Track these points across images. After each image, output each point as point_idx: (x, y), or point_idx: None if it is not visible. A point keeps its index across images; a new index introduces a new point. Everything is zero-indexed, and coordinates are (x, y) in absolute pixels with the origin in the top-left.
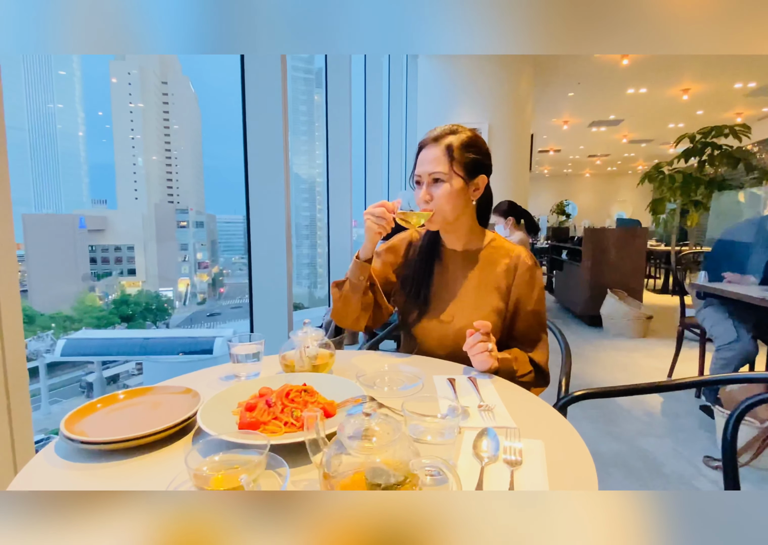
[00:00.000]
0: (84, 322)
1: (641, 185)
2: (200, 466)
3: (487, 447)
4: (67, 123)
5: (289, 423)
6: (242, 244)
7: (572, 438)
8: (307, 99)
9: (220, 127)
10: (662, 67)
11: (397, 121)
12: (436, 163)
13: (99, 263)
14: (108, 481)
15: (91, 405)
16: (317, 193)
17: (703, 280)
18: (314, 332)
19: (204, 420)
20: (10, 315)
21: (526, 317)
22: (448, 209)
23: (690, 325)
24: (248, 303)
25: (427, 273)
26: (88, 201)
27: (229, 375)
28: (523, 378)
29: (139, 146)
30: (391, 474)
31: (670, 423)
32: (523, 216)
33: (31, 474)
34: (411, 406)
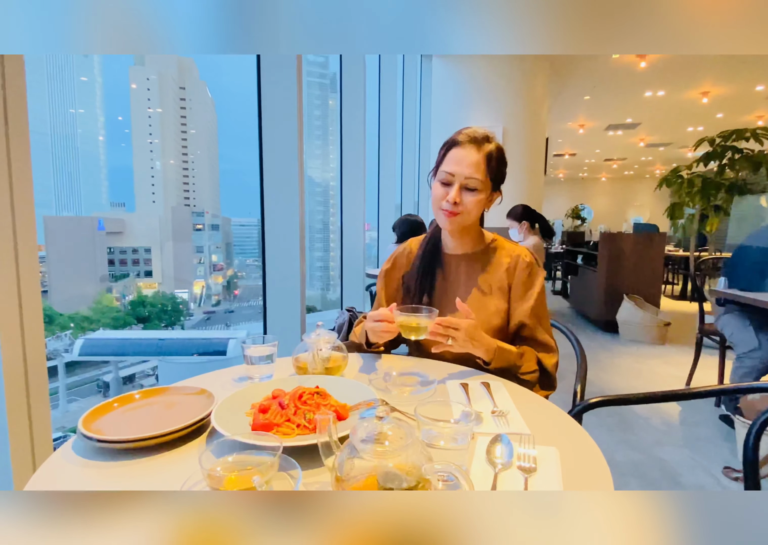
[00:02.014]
0: (101, 323)
1: (659, 190)
2: (214, 467)
3: (501, 453)
4: (87, 127)
5: (301, 425)
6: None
7: (588, 445)
8: (322, 103)
9: (236, 131)
10: (681, 70)
11: (410, 123)
12: (476, 169)
13: (117, 265)
14: (123, 480)
15: (107, 404)
16: (330, 197)
17: (723, 287)
18: (327, 335)
19: (218, 420)
20: (31, 315)
21: (525, 314)
22: (471, 216)
23: (709, 332)
24: (260, 305)
25: (429, 280)
26: (107, 203)
27: (243, 376)
28: (526, 376)
29: (157, 150)
30: (404, 479)
31: (689, 433)
32: (538, 220)
33: (49, 471)
34: (423, 411)
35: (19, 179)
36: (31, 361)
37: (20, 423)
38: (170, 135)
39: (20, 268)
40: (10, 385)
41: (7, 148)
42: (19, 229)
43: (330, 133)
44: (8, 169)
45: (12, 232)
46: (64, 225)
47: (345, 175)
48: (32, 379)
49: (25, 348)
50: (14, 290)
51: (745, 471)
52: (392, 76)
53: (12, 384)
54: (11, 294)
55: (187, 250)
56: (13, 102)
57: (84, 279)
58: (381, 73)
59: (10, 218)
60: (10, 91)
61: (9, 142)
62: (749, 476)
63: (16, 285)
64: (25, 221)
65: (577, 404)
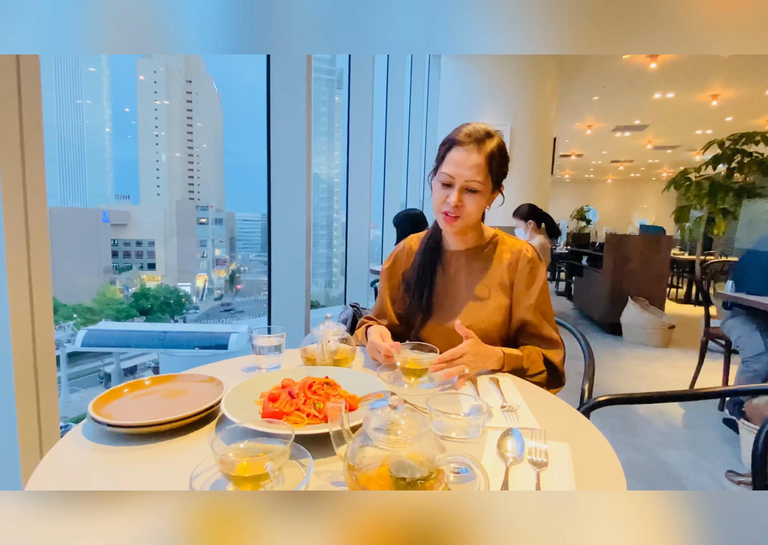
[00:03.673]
0: (104, 314)
1: (666, 191)
2: (226, 452)
3: (512, 447)
4: (94, 119)
5: (311, 414)
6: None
7: (598, 441)
8: (328, 99)
9: (242, 126)
10: (691, 72)
11: (417, 122)
12: (477, 171)
13: (120, 257)
14: (132, 465)
15: (118, 389)
16: (335, 194)
17: (730, 290)
18: (335, 327)
19: (228, 408)
20: (42, 305)
21: (528, 311)
22: (473, 218)
23: (715, 336)
24: (263, 300)
25: (429, 277)
26: (112, 196)
27: (251, 366)
28: (534, 378)
29: (163, 143)
30: (417, 469)
31: (692, 436)
32: (544, 219)
33: (60, 453)
34: (434, 403)
35: (32, 174)
36: (40, 350)
37: (29, 409)
38: (176, 128)
39: (31, 259)
40: (20, 373)
41: (21, 143)
42: (31, 222)
43: (336, 129)
44: (22, 167)
45: (24, 224)
46: (69, 216)
47: (351, 171)
48: (41, 367)
49: (35, 337)
50: (25, 280)
51: (754, 475)
52: (400, 73)
53: (21, 371)
54: (22, 284)
55: (191, 243)
56: (28, 100)
57: (88, 271)
58: (389, 71)
59: (23, 211)
60: (26, 88)
61: (23, 139)
62: (758, 480)
63: (27, 275)
64: (37, 214)
65: (584, 402)
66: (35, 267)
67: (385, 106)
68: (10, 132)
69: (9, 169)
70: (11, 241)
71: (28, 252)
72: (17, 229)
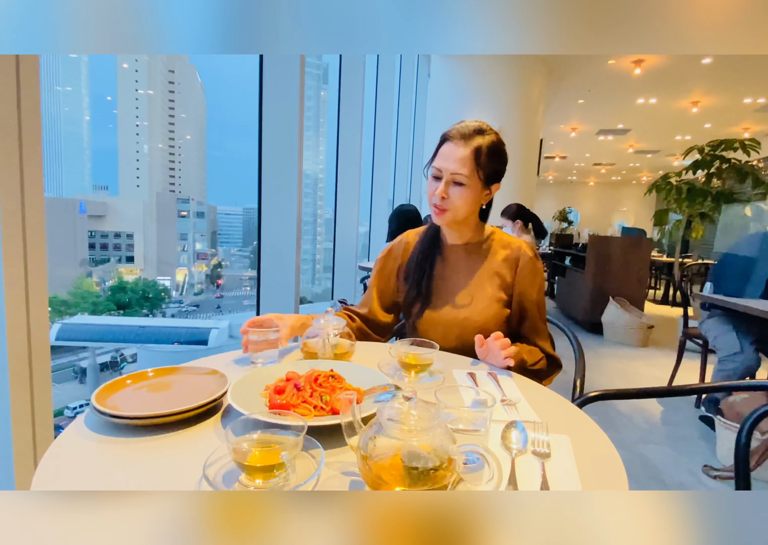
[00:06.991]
0: (80, 307)
1: (648, 195)
2: (240, 441)
3: (516, 439)
4: (73, 106)
5: (318, 406)
6: (241, 236)
7: (597, 434)
8: (314, 94)
9: (226, 118)
10: (674, 78)
11: (406, 120)
12: (461, 164)
13: (98, 249)
14: (137, 456)
15: (120, 380)
16: (319, 189)
17: (708, 292)
18: (335, 321)
19: (234, 400)
20: (37, 299)
21: (531, 309)
22: (461, 211)
23: (692, 336)
24: (243, 296)
25: (428, 267)
26: (90, 186)
27: (243, 358)
28: (536, 366)
29: (144, 133)
30: (429, 459)
31: (670, 432)
32: (531, 220)
33: (65, 444)
34: (438, 396)
35: (31, 175)
36: (35, 343)
37: (22, 403)
38: (158, 118)
39: (28, 252)
40: (14, 366)
41: (19, 137)
42: (28, 219)
43: (321, 124)
44: (20, 162)
45: (21, 220)
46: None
47: (341, 168)
48: (35, 361)
49: (30, 331)
50: (21, 274)
51: (737, 471)
52: (390, 72)
53: (16, 365)
54: (18, 278)
55: (171, 236)
56: (27, 97)
57: (63, 263)
58: (379, 70)
59: (20, 207)
60: (24, 87)
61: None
62: (740, 475)
63: (23, 269)
64: (34, 210)
65: (576, 397)
66: (31, 259)
67: (374, 104)
68: (10, 132)
69: (8, 166)
70: (9, 239)
71: (25, 249)
72: (14, 224)
